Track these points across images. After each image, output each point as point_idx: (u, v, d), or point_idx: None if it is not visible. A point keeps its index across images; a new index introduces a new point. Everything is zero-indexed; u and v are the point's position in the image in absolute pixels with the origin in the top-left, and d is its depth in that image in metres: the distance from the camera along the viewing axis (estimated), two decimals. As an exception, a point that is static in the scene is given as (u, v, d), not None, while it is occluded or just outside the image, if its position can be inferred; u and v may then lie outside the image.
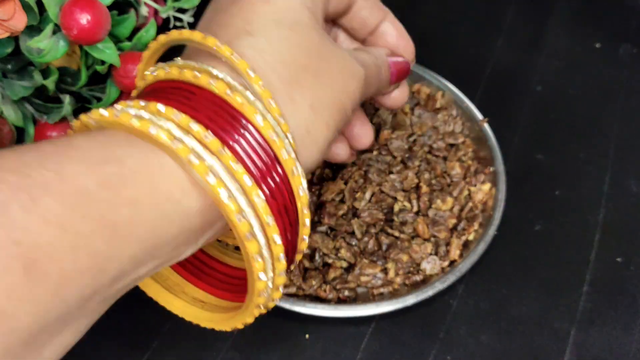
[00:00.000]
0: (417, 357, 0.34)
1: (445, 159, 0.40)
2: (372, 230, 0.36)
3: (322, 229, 0.36)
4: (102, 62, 0.35)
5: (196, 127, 0.21)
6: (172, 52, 0.26)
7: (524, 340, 0.34)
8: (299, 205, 0.24)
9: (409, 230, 0.36)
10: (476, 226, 0.37)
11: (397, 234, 0.36)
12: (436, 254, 0.36)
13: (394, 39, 0.31)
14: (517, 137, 0.43)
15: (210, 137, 0.21)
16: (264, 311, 0.25)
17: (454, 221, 0.37)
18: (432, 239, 0.36)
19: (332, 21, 0.31)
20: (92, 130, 0.22)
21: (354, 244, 0.36)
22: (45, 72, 0.35)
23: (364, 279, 0.35)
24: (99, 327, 0.21)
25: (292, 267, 0.26)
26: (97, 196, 0.19)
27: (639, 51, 0.48)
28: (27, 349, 0.18)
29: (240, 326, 0.25)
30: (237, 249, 0.29)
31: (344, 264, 0.35)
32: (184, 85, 0.23)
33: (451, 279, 0.35)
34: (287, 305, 0.33)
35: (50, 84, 0.34)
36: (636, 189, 0.41)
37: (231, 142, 0.21)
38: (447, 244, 0.36)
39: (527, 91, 0.46)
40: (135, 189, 0.20)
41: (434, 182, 0.38)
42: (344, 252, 0.35)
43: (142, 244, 0.20)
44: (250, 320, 0.25)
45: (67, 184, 0.18)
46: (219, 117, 0.22)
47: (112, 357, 0.33)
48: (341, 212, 0.37)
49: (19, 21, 0.30)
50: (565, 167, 0.42)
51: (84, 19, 0.31)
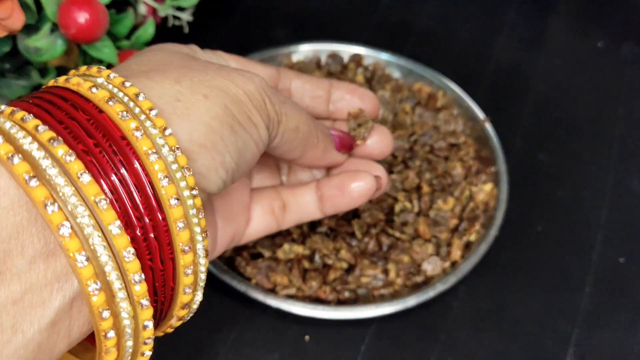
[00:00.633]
0: (418, 358, 0.33)
1: (446, 158, 0.40)
2: (373, 230, 0.36)
3: (322, 229, 0.36)
4: (100, 61, 0.34)
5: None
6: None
7: (525, 341, 0.34)
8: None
9: (409, 230, 0.36)
10: (478, 227, 0.36)
11: (397, 234, 0.36)
12: (437, 254, 0.36)
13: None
14: (518, 137, 0.43)
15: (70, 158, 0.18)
16: None
17: (455, 222, 0.37)
18: (433, 240, 0.36)
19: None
20: None
21: (354, 244, 0.36)
22: (43, 71, 0.34)
23: (364, 280, 0.35)
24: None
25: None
26: None
27: (641, 50, 0.48)
28: None
29: None
30: None
31: (344, 265, 0.35)
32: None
33: (452, 280, 0.34)
34: (287, 306, 0.33)
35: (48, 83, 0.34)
36: (639, 189, 0.40)
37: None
38: (449, 245, 0.36)
39: (528, 90, 0.46)
40: None
41: (435, 182, 0.38)
42: (344, 253, 0.35)
43: None
44: None
45: None
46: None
47: None
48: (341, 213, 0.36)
49: (17, 20, 0.30)
50: (567, 167, 0.42)
51: (82, 17, 0.31)
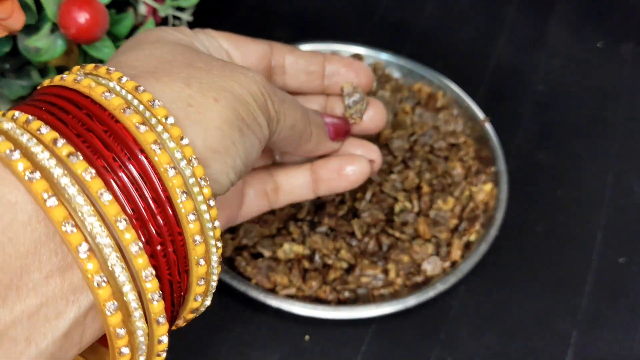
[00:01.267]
0: (418, 358, 0.33)
1: (446, 158, 0.40)
2: (373, 230, 0.36)
3: (322, 229, 0.36)
4: (101, 61, 0.34)
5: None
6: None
7: (525, 341, 0.34)
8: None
9: (409, 230, 0.36)
10: (477, 226, 0.36)
11: (397, 234, 0.36)
12: (437, 254, 0.36)
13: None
14: (518, 137, 0.43)
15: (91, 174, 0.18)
16: None
17: (455, 221, 0.37)
18: (433, 240, 0.36)
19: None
20: None
21: (354, 244, 0.36)
22: (43, 72, 0.34)
23: (364, 280, 0.35)
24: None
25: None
26: None
27: (641, 50, 0.48)
28: None
29: None
30: None
31: (344, 265, 0.35)
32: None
33: (452, 280, 0.34)
34: (287, 306, 0.33)
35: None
36: (639, 189, 0.40)
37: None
38: (449, 245, 0.36)
39: (528, 90, 0.46)
40: None
41: (435, 182, 0.38)
42: (344, 253, 0.35)
43: None
44: None
45: None
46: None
47: None
48: (341, 213, 0.36)
49: (17, 20, 0.30)
50: (567, 166, 0.42)
51: (82, 17, 0.31)
